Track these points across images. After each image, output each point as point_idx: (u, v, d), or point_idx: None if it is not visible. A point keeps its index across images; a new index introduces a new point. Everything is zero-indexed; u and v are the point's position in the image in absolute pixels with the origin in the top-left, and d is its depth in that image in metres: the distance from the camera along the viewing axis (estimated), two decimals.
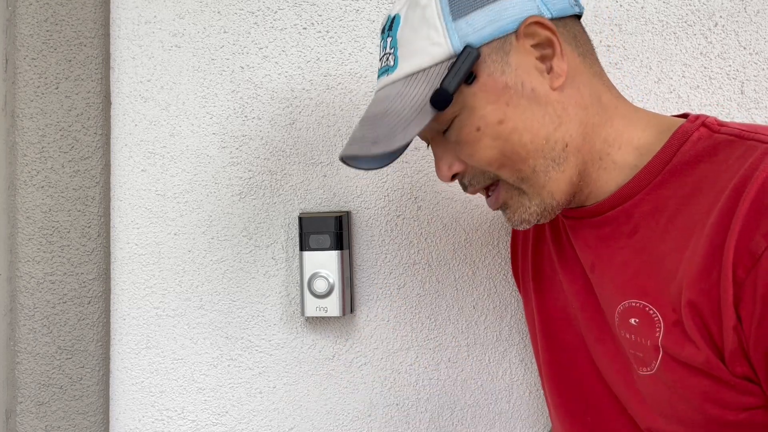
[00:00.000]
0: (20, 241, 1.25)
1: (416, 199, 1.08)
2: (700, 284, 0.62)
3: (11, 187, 1.26)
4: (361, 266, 1.09)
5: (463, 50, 0.68)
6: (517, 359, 1.04)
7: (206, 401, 1.13)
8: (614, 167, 0.72)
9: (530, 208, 0.72)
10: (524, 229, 0.76)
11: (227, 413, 1.12)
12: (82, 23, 1.25)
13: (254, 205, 1.13)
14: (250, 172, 1.13)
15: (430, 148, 0.81)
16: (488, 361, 1.05)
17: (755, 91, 0.97)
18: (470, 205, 1.06)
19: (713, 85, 0.98)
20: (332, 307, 1.05)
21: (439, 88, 0.67)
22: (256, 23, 1.13)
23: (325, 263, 1.06)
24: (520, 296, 1.02)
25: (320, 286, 1.05)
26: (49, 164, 1.24)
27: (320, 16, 1.11)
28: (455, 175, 0.75)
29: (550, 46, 0.70)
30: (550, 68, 0.70)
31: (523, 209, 0.73)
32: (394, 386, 1.08)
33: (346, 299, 1.07)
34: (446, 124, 0.72)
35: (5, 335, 1.24)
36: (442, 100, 0.67)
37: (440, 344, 1.06)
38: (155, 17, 1.17)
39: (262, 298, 1.12)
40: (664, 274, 0.66)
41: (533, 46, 0.69)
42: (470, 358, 1.05)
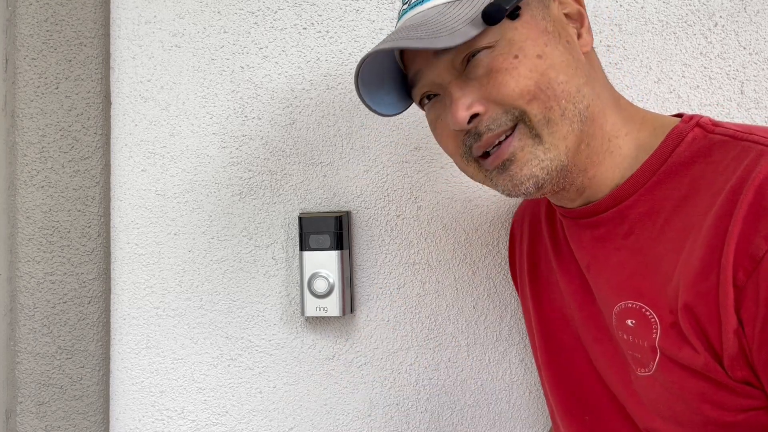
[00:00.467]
0: (20, 241, 1.25)
1: (416, 199, 1.08)
2: (697, 287, 0.62)
3: (11, 187, 1.26)
4: (361, 266, 1.09)
5: None
6: (517, 359, 1.04)
7: (206, 401, 1.13)
8: (619, 153, 0.72)
9: (543, 161, 0.68)
10: (524, 192, 0.70)
11: (227, 413, 1.12)
12: (82, 23, 1.25)
13: (254, 205, 1.13)
14: (250, 172, 1.13)
15: (431, 105, 0.75)
16: (488, 361, 1.05)
17: (755, 91, 0.97)
18: (470, 205, 1.06)
19: (713, 85, 0.98)
20: (332, 307, 1.05)
21: (494, 2, 0.65)
22: (256, 23, 1.13)
23: (325, 263, 1.06)
24: (519, 296, 1.02)
25: (320, 286, 1.05)
26: (49, 164, 1.24)
27: (320, 16, 1.11)
28: (471, 119, 0.69)
29: (579, 19, 0.73)
30: (579, 35, 0.72)
31: (534, 162, 0.68)
32: (394, 386, 1.08)
33: (346, 299, 1.07)
34: (464, 63, 0.69)
35: (5, 335, 1.24)
36: (494, 12, 0.65)
37: (440, 344, 1.06)
38: (155, 17, 1.17)
39: (262, 298, 1.12)
40: (660, 275, 0.66)
41: (564, 14, 0.72)
42: (470, 358, 1.05)
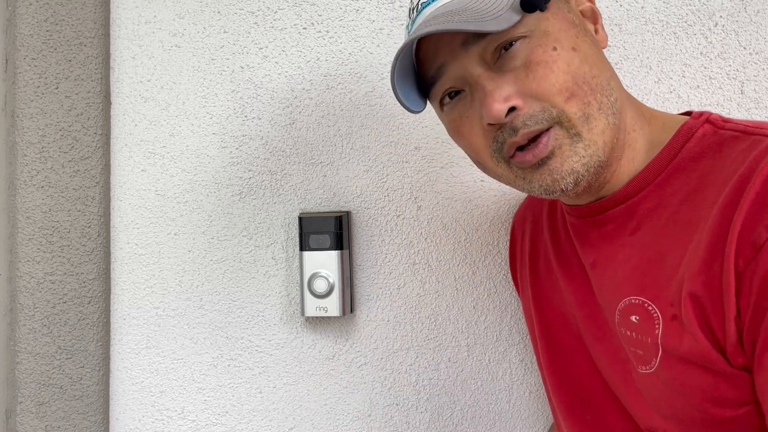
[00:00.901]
0: (20, 241, 1.25)
1: (416, 199, 1.08)
2: (702, 276, 0.62)
3: (11, 187, 1.26)
4: (361, 266, 1.09)
5: None
6: (517, 359, 1.04)
7: (206, 401, 1.13)
8: (635, 147, 0.72)
9: (583, 158, 0.66)
10: (563, 188, 0.67)
11: (227, 413, 1.12)
12: (82, 23, 1.25)
13: (254, 205, 1.13)
14: (250, 172, 1.13)
15: (453, 103, 0.72)
16: (488, 361, 1.05)
17: (755, 91, 0.97)
18: (470, 205, 1.06)
19: (713, 85, 0.98)
20: (332, 307, 1.05)
21: None
22: (256, 23, 1.13)
23: (325, 263, 1.06)
24: (519, 297, 1.02)
25: (320, 286, 1.05)
26: (49, 164, 1.24)
27: (320, 16, 1.11)
28: (508, 113, 0.66)
29: (592, 16, 0.72)
30: (596, 31, 0.72)
31: (575, 158, 0.66)
32: (394, 386, 1.08)
33: (346, 299, 1.07)
34: (495, 55, 0.67)
35: (5, 335, 1.24)
36: (534, 1, 0.64)
37: (440, 344, 1.06)
38: (155, 17, 1.17)
39: (262, 298, 1.12)
40: (665, 270, 0.66)
41: (580, 11, 0.72)
42: (470, 358, 1.05)
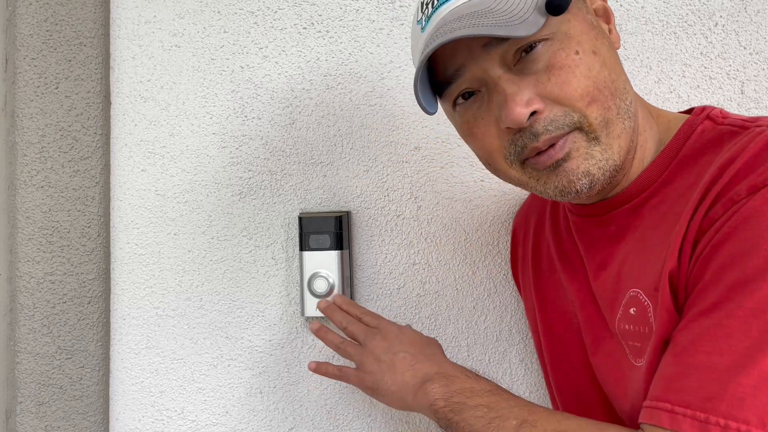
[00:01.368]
0: (20, 241, 1.25)
1: (416, 199, 1.08)
2: (677, 252, 0.63)
3: (11, 187, 1.26)
4: (361, 266, 1.09)
5: None
6: (517, 359, 1.04)
7: (206, 401, 1.13)
8: (645, 147, 0.72)
9: (600, 161, 0.66)
10: (578, 190, 0.67)
11: (227, 413, 1.12)
12: (82, 23, 1.25)
13: (254, 205, 1.13)
14: (250, 172, 1.13)
15: (468, 104, 0.71)
16: (488, 361, 1.05)
17: (755, 91, 0.97)
18: (470, 205, 1.06)
19: (713, 85, 0.98)
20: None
21: None
22: (256, 23, 1.13)
23: (325, 263, 1.06)
24: (520, 297, 1.02)
25: (320, 286, 1.05)
26: (49, 164, 1.24)
27: (320, 16, 1.11)
28: (529, 117, 0.65)
29: (605, 15, 0.72)
30: (609, 31, 0.72)
31: (591, 161, 0.66)
32: None
33: None
34: (516, 57, 0.66)
35: (5, 335, 1.24)
36: (562, 2, 0.63)
37: (439, 343, 1.06)
38: (155, 17, 1.17)
39: (262, 298, 1.12)
40: (653, 259, 0.67)
41: (593, 10, 0.72)
42: (470, 358, 1.05)
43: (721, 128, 0.68)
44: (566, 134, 0.65)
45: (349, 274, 1.08)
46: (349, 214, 1.09)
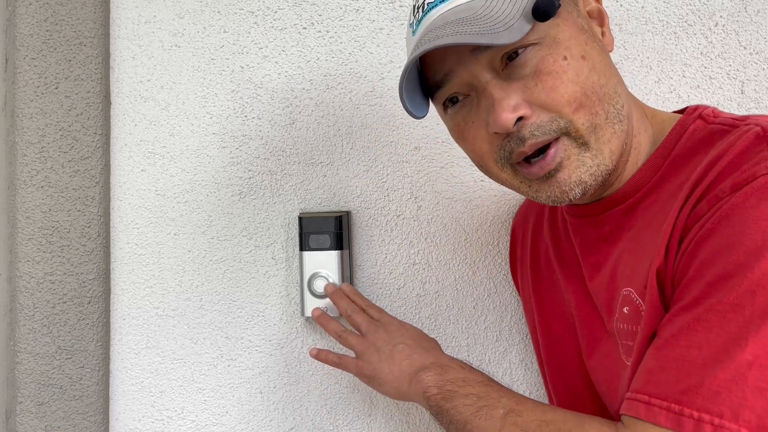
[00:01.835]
0: (20, 241, 1.25)
1: (416, 199, 1.08)
2: (663, 250, 0.64)
3: (11, 187, 1.26)
4: (361, 266, 1.09)
5: None
6: (517, 359, 1.04)
7: (206, 401, 1.13)
8: (639, 150, 0.73)
9: (591, 168, 0.66)
10: (571, 198, 0.68)
11: (227, 413, 1.12)
12: (82, 23, 1.25)
13: (254, 205, 1.13)
14: (250, 172, 1.13)
15: (458, 107, 0.71)
16: (488, 361, 1.05)
17: (755, 90, 0.97)
18: (470, 205, 1.06)
19: (713, 84, 0.98)
20: (332, 307, 1.05)
21: None
22: (256, 23, 1.13)
23: (325, 263, 1.06)
24: (519, 297, 1.02)
25: (320, 286, 1.05)
26: (49, 164, 1.24)
27: (320, 15, 1.11)
28: (516, 122, 0.65)
29: (599, 17, 0.72)
30: (603, 34, 0.72)
31: (583, 168, 0.66)
32: None
33: None
34: (504, 62, 0.66)
35: (5, 335, 1.24)
36: (547, 8, 0.63)
37: (440, 344, 1.06)
38: (155, 17, 1.17)
39: (262, 298, 1.12)
40: (644, 258, 0.68)
41: (587, 12, 0.71)
42: (470, 358, 1.05)
43: (711, 127, 0.68)
44: (554, 140, 0.66)
45: (349, 274, 1.08)
46: (349, 214, 1.09)
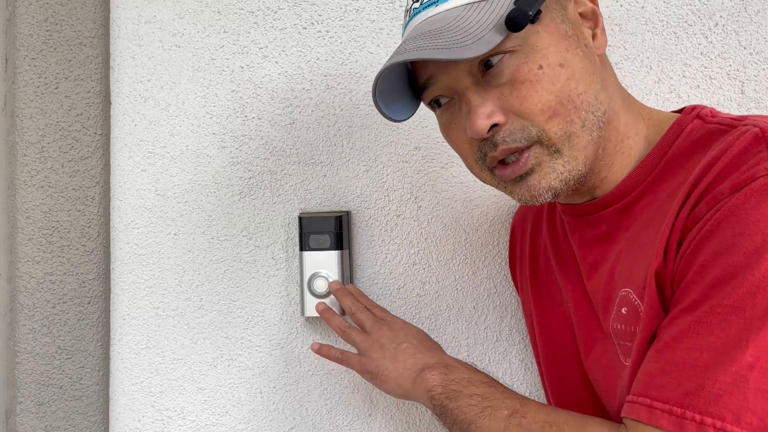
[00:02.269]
0: (20, 241, 1.25)
1: (416, 199, 1.08)
2: (662, 251, 0.64)
3: (11, 187, 1.26)
4: (361, 266, 1.09)
5: None
6: (517, 359, 1.04)
7: (206, 401, 1.13)
8: (629, 153, 0.73)
9: (562, 174, 0.67)
10: (541, 201, 0.69)
11: (227, 413, 1.12)
12: (82, 23, 1.25)
13: (254, 205, 1.13)
14: (250, 172, 1.13)
15: (444, 108, 0.73)
16: (488, 361, 1.05)
17: (755, 90, 0.97)
18: (470, 205, 1.06)
19: (713, 85, 0.98)
20: (332, 307, 1.05)
21: (517, 8, 0.63)
22: (256, 23, 1.13)
23: (325, 263, 1.06)
24: (519, 296, 1.02)
25: (320, 286, 1.05)
26: (48, 164, 1.24)
27: (320, 15, 1.11)
28: (490, 128, 0.67)
29: (593, 18, 0.72)
30: (594, 36, 0.72)
31: (553, 175, 0.67)
32: None
33: None
34: (481, 68, 0.67)
35: (5, 335, 1.24)
36: (519, 19, 0.63)
37: (440, 344, 1.06)
38: (155, 17, 1.17)
39: (262, 298, 1.12)
40: (643, 259, 0.68)
41: (579, 13, 0.71)
42: (470, 358, 1.05)
43: (709, 127, 0.68)
44: (526, 148, 0.67)
45: (349, 274, 1.08)
46: (349, 214, 1.09)
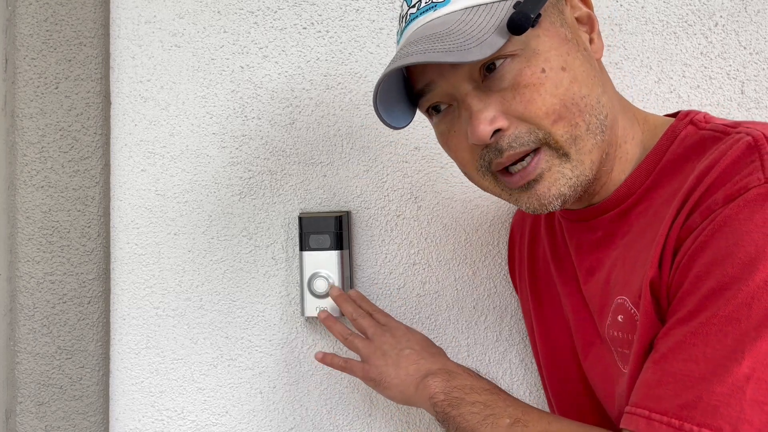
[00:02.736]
0: (20, 241, 1.25)
1: (416, 199, 1.08)
2: (657, 260, 0.64)
3: (11, 187, 1.26)
4: (361, 266, 1.09)
5: None
6: (517, 359, 1.04)
7: (206, 401, 1.13)
8: (626, 158, 0.72)
9: (570, 180, 0.66)
10: (550, 209, 0.68)
11: (227, 413, 1.12)
12: (82, 23, 1.25)
13: (254, 205, 1.13)
14: (250, 172, 1.13)
15: (442, 116, 0.72)
16: (488, 361, 1.05)
17: (755, 90, 0.97)
18: (470, 205, 1.06)
19: (713, 85, 0.98)
20: (334, 307, 1.05)
21: (519, 11, 0.62)
22: (256, 23, 1.13)
23: (325, 263, 1.06)
24: (518, 297, 1.02)
25: (320, 286, 1.05)
26: (48, 164, 1.24)
27: (320, 15, 1.11)
28: (493, 134, 0.66)
29: (589, 23, 0.71)
30: (591, 41, 0.71)
31: (563, 181, 0.66)
32: None
33: None
34: (482, 73, 0.66)
35: (5, 335, 1.24)
36: (522, 21, 0.62)
37: (440, 344, 1.06)
38: (155, 17, 1.17)
39: (262, 298, 1.12)
40: (638, 267, 0.68)
41: (575, 18, 0.71)
42: (470, 358, 1.05)
43: (702, 133, 0.68)
44: (533, 150, 0.66)
45: (349, 274, 1.08)
46: (349, 214, 1.09)
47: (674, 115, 0.74)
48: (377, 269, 1.09)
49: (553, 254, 0.86)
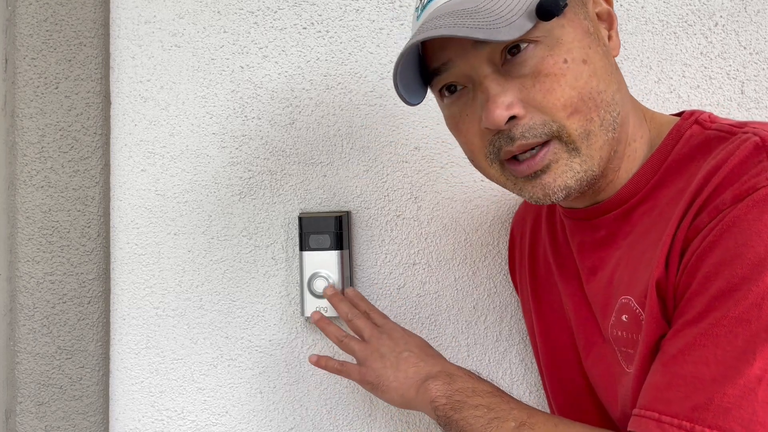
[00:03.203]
0: (20, 241, 1.25)
1: (416, 199, 1.08)
2: (663, 260, 0.63)
3: (11, 187, 1.26)
4: (361, 266, 1.09)
5: None
6: (517, 359, 1.04)
7: (206, 401, 1.13)
8: (634, 157, 0.72)
9: (578, 173, 0.66)
10: (553, 200, 0.68)
11: (227, 413, 1.12)
12: (82, 23, 1.25)
13: (254, 205, 1.13)
14: (250, 172, 1.13)
15: (455, 97, 0.71)
16: (488, 361, 1.05)
17: (755, 90, 0.97)
18: (470, 205, 1.06)
19: (713, 85, 0.98)
20: (332, 307, 1.05)
21: None
22: (256, 23, 1.13)
23: (325, 263, 1.06)
24: (519, 297, 1.02)
25: (320, 286, 1.05)
26: (48, 164, 1.24)
27: (320, 15, 1.11)
28: (509, 120, 0.65)
29: (608, 20, 0.71)
30: (609, 38, 0.71)
31: (570, 174, 0.66)
32: None
33: None
34: (503, 56, 0.65)
35: (5, 335, 1.24)
36: (551, 7, 0.61)
37: (440, 345, 1.06)
38: (155, 17, 1.17)
39: (262, 298, 1.12)
40: (643, 266, 0.67)
41: (596, 13, 0.70)
42: (470, 358, 1.05)
43: (708, 133, 0.68)
44: (544, 143, 0.65)
45: (349, 274, 1.08)
46: (349, 214, 1.09)
47: (679, 115, 0.74)
48: (377, 269, 1.09)
49: (554, 253, 0.86)
